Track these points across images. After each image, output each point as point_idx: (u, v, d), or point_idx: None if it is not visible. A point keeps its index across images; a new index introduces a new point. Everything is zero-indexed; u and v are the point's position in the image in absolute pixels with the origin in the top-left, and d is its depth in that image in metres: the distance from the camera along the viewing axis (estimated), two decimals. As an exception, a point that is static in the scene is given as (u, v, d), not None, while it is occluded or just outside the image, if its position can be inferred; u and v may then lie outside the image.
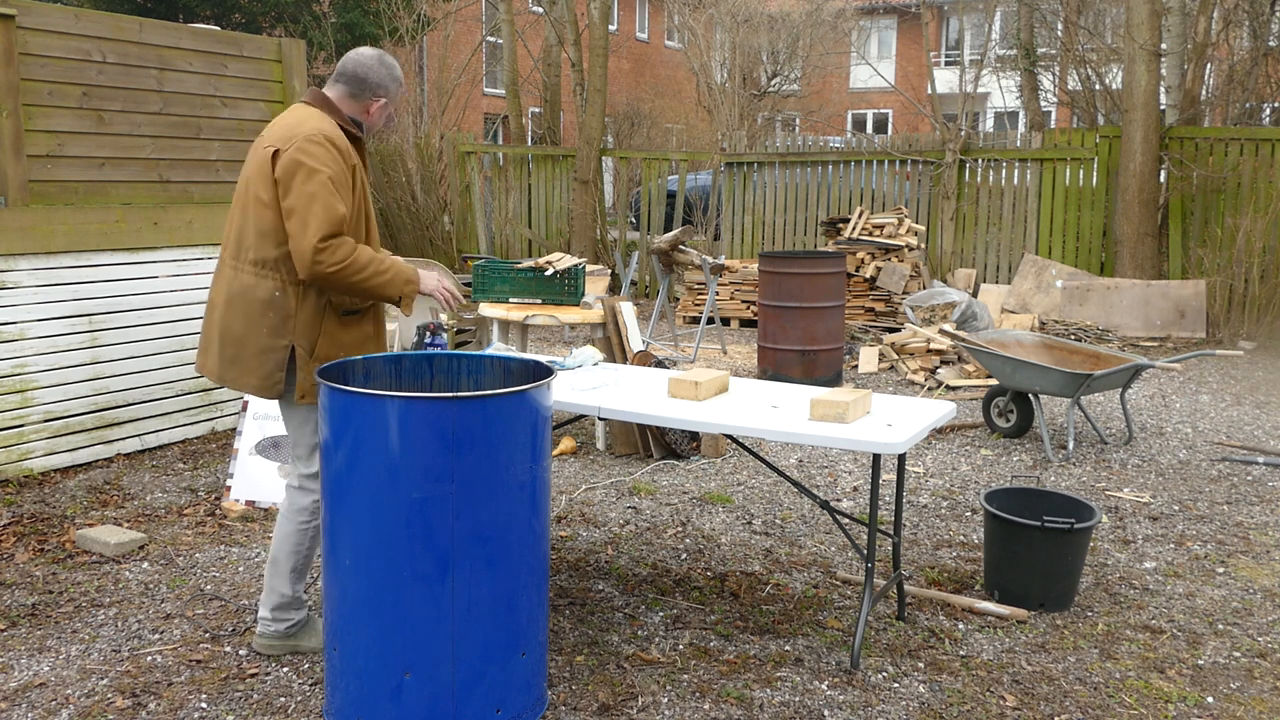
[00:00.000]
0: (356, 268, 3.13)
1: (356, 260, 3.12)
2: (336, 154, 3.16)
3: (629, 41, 28.38)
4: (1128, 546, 4.58)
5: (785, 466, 5.76)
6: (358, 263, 3.13)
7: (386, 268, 3.20)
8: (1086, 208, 11.07)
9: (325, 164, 3.13)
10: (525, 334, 6.42)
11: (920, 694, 3.26)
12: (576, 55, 14.83)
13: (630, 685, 3.26)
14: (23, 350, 5.28)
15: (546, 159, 13.49)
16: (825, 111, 26.18)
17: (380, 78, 3.34)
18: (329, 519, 2.89)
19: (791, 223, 12.35)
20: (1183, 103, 11.60)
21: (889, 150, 11.94)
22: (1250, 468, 5.78)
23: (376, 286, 3.19)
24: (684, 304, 11.04)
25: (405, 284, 3.25)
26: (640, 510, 4.98)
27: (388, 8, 15.46)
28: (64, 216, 5.42)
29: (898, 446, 3.20)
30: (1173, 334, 9.84)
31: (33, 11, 5.34)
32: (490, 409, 2.77)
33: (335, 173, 3.13)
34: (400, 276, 3.23)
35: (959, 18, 27.59)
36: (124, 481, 5.30)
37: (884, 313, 9.85)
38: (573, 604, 3.87)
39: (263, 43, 6.66)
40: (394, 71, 3.40)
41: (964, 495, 5.28)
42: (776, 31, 21.74)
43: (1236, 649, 3.62)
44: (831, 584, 4.12)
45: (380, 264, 3.19)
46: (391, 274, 3.21)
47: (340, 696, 2.92)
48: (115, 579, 4.08)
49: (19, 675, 3.31)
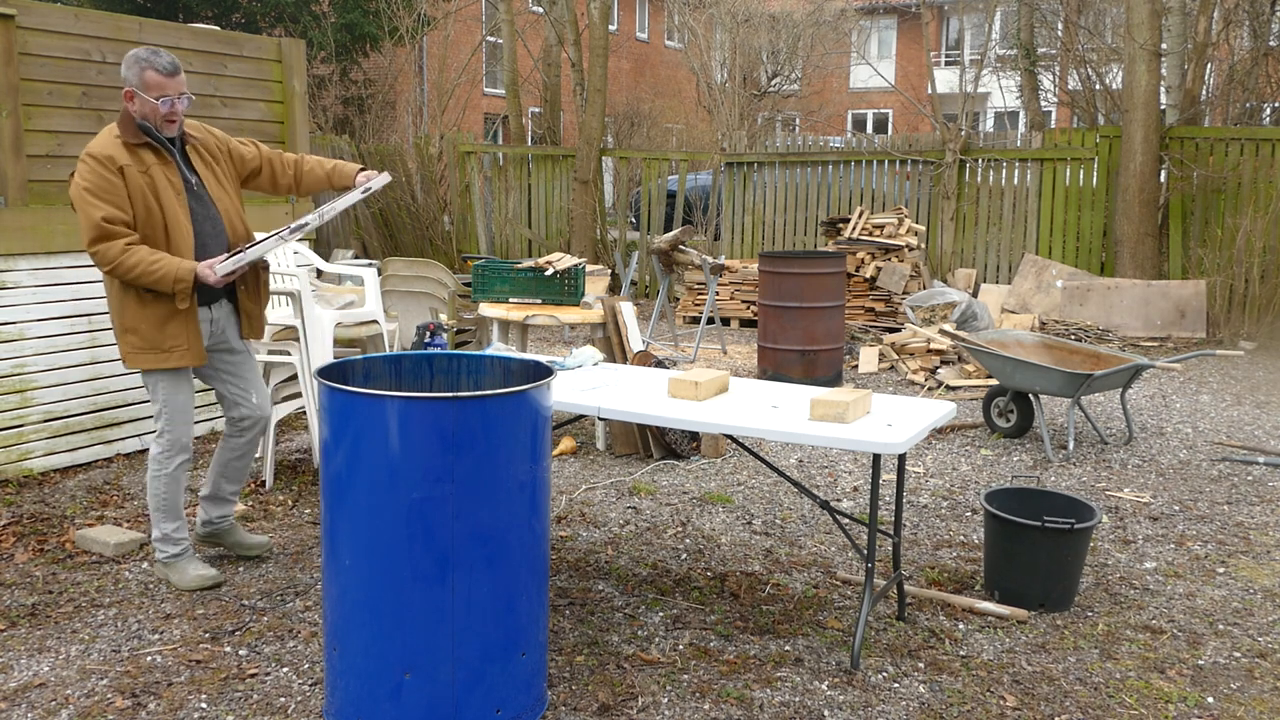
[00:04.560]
0: (125, 269, 3.62)
1: (124, 263, 3.60)
2: (94, 165, 3.62)
3: (629, 41, 28.38)
4: (1128, 546, 4.58)
5: (785, 466, 5.76)
6: (124, 265, 3.61)
7: (155, 269, 3.62)
8: (1087, 208, 11.07)
9: (83, 177, 3.63)
10: (525, 334, 6.42)
11: (920, 694, 3.26)
12: (576, 55, 14.83)
13: (630, 685, 3.26)
14: (22, 350, 5.28)
15: (546, 159, 13.48)
16: (825, 111, 26.19)
17: (124, 72, 3.71)
18: (329, 519, 2.89)
19: (791, 223, 12.35)
20: (1183, 103, 11.60)
21: (889, 150, 11.94)
22: (1250, 468, 5.78)
23: (149, 284, 3.65)
24: (684, 304, 11.04)
25: (175, 282, 3.65)
26: (640, 510, 4.98)
27: (388, 8, 15.46)
28: (64, 216, 5.42)
29: (898, 446, 3.20)
30: (1173, 334, 9.84)
31: (33, 11, 5.34)
32: (490, 409, 2.77)
33: (91, 184, 3.61)
34: (169, 277, 3.63)
35: (959, 18, 27.59)
36: (124, 481, 5.30)
37: (884, 313, 9.85)
38: (573, 604, 3.87)
39: (263, 43, 6.66)
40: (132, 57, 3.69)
41: (964, 495, 5.28)
42: (777, 31, 21.74)
43: (1237, 649, 3.62)
44: (831, 584, 4.12)
45: (150, 265, 3.62)
46: (160, 274, 3.63)
47: (340, 696, 2.92)
48: (115, 579, 4.08)
49: (19, 675, 3.31)
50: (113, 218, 3.61)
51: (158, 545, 4.03)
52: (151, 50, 3.72)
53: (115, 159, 3.64)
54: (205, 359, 3.89)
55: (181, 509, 4.02)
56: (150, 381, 3.87)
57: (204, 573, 4.00)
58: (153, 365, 3.78)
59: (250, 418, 4.12)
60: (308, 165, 4.19)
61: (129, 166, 3.65)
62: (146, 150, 3.72)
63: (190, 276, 3.66)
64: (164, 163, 3.76)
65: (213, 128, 4.05)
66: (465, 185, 13.61)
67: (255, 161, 4.12)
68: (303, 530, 4.63)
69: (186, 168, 3.85)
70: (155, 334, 3.75)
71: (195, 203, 3.82)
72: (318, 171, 4.18)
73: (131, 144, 3.69)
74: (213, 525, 4.24)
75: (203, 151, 3.93)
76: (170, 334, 3.75)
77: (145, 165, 3.70)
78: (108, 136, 3.70)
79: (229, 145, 4.04)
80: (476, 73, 17.75)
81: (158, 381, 3.85)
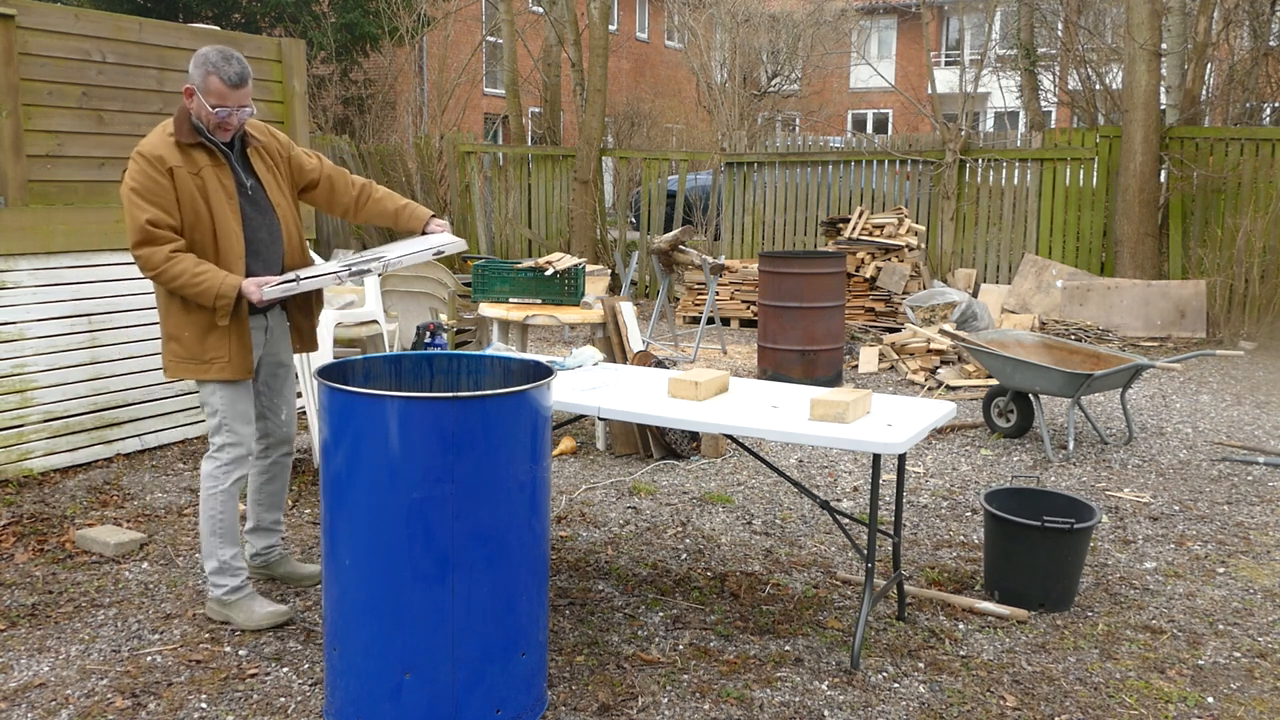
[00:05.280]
0: (168, 277, 3.43)
1: (167, 271, 3.42)
2: (144, 165, 3.44)
3: (629, 41, 28.37)
4: (1128, 546, 4.58)
5: (785, 466, 5.76)
6: (168, 273, 3.42)
7: (200, 281, 3.43)
8: (1086, 208, 11.07)
9: (131, 177, 3.45)
10: (525, 334, 6.42)
11: (920, 694, 3.26)
12: (576, 55, 14.83)
13: (630, 685, 3.26)
14: (22, 350, 5.28)
15: (546, 159, 13.48)
16: (825, 111, 26.18)
17: (190, 68, 3.51)
18: (329, 519, 2.89)
19: (791, 223, 12.35)
20: (1183, 103, 11.60)
21: (889, 150, 11.94)
22: (1250, 468, 5.78)
23: (191, 297, 3.46)
24: (684, 304, 11.04)
25: (216, 298, 3.45)
26: (640, 510, 4.98)
27: (388, 8, 15.46)
28: (64, 216, 5.42)
29: (898, 446, 3.20)
30: (1173, 334, 9.84)
31: (33, 11, 5.34)
32: (490, 409, 2.77)
33: (139, 184, 3.43)
34: (210, 291, 3.43)
35: (959, 18, 27.59)
36: (124, 481, 5.30)
37: (884, 313, 9.85)
38: (573, 604, 3.87)
39: (263, 43, 6.66)
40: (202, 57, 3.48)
41: (964, 495, 5.28)
42: (777, 31, 21.75)
43: (1237, 649, 3.62)
44: (831, 584, 4.12)
45: (194, 277, 3.43)
46: (203, 287, 3.43)
47: (340, 697, 2.92)
48: (115, 579, 4.08)
49: (19, 675, 3.31)
50: (158, 221, 3.42)
51: (214, 580, 3.64)
52: (223, 55, 3.46)
53: (165, 159, 3.44)
54: (249, 373, 3.61)
55: (238, 533, 3.68)
56: (205, 391, 3.61)
57: (274, 609, 3.66)
58: (193, 376, 3.56)
59: (273, 435, 3.87)
60: (376, 194, 3.92)
61: (179, 168, 3.45)
62: (200, 151, 3.51)
63: (233, 293, 3.45)
64: (217, 164, 3.54)
65: (276, 131, 3.82)
66: (465, 185, 13.61)
67: (315, 174, 3.85)
68: (303, 530, 4.63)
69: (245, 170, 3.63)
70: (196, 344, 3.52)
71: (250, 207, 3.60)
72: (386, 205, 3.91)
73: (185, 144, 3.48)
74: (262, 558, 3.98)
75: (264, 154, 3.70)
76: (211, 345, 3.52)
77: (197, 167, 3.49)
78: (161, 135, 3.50)
79: (290, 152, 3.80)
80: (476, 73, 17.75)
81: (214, 391, 3.58)
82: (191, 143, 3.49)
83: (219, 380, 3.56)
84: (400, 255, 3.64)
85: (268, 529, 3.98)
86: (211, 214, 3.50)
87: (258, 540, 3.98)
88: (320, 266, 3.71)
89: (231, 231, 3.52)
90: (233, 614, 3.63)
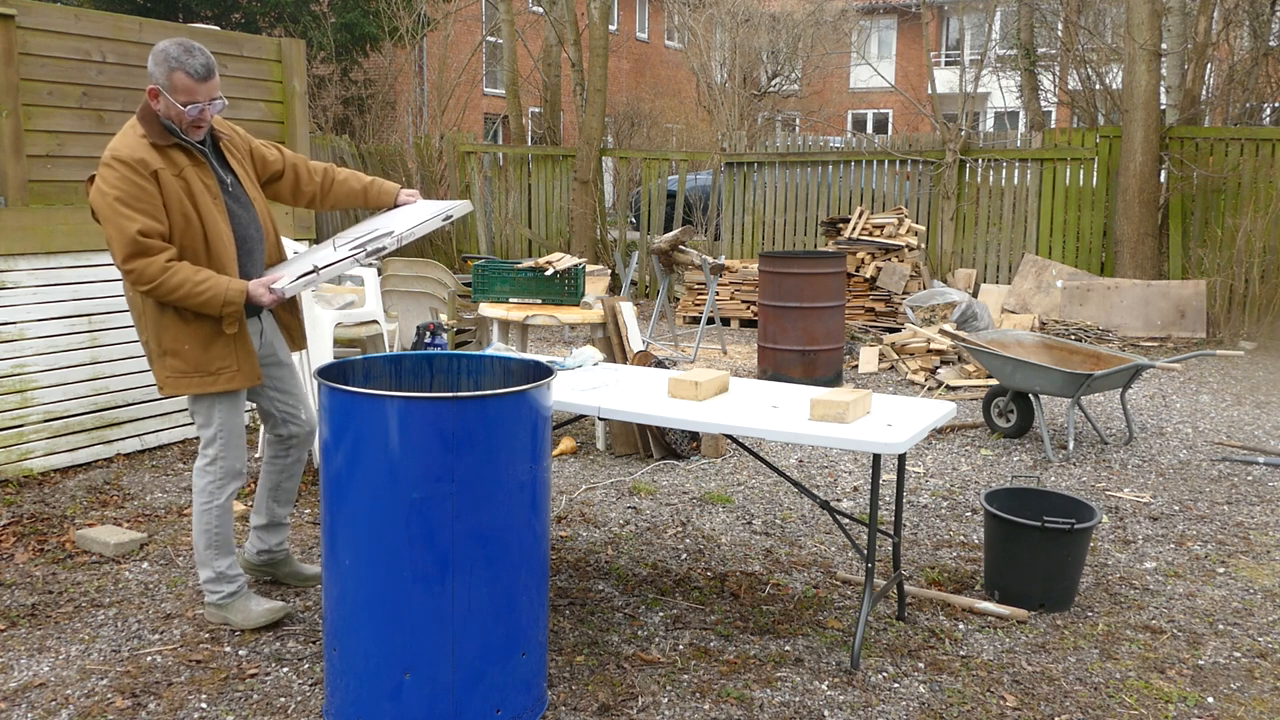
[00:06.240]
0: (166, 289, 3.23)
1: (166, 283, 3.22)
2: (124, 170, 3.21)
3: (629, 41, 28.37)
4: (1128, 546, 4.58)
5: (785, 466, 5.76)
6: (166, 285, 3.22)
7: (203, 290, 3.25)
8: (1086, 208, 11.07)
9: (111, 185, 3.21)
10: (525, 334, 6.42)
11: (920, 694, 3.26)
12: (576, 55, 14.83)
13: (630, 685, 3.26)
14: (22, 350, 5.28)
15: (546, 159, 13.49)
16: (825, 111, 26.17)
17: (150, 67, 3.30)
18: (329, 519, 2.89)
19: (791, 223, 12.35)
20: (1183, 103, 11.60)
21: (889, 150, 11.94)
22: (1250, 468, 5.78)
23: (195, 307, 3.28)
24: (684, 304, 11.04)
25: (223, 305, 3.29)
26: (640, 510, 4.98)
27: (388, 8, 15.46)
28: (64, 216, 5.42)
29: (898, 446, 3.20)
30: (1173, 334, 9.84)
31: (33, 11, 5.34)
32: (490, 409, 2.77)
33: (123, 192, 3.19)
34: (217, 299, 3.26)
35: (959, 18, 27.58)
36: (124, 481, 5.30)
37: (884, 313, 9.85)
38: (573, 604, 3.87)
39: (262, 43, 6.66)
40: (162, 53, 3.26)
41: (964, 495, 5.28)
42: (777, 31, 21.74)
43: (1237, 649, 3.62)
44: (831, 584, 4.12)
45: (196, 286, 3.24)
46: (207, 296, 3.26)
47: (340, 697, 2.92)
48: (115, 579, 4.08)
49: (19, 675, 3.31)
50: (149, 230, 3.21)
51: (209, 587, 3.61)
52: (184, 48, 3.26)
53: (148, 162, 3.23)
54: (258, 379, 3.50)
55: (234, 542, 3.64)
56: (202, 406, 3.46)
57: (270, 605, 3.63)
58: (199, 390, 3.39)
59: (299, 435, 3.78)
60: (340, 176, 3.80)
61: (163, 170, 3.26)
62: (177, 151, 3.34)
63: (241, 299, 3.28)
64: (197, 164, 3.38)
65: (234, 125, 3.70)
66: (465, 185, 13.61)
67: (278, 165, 3.73)
68: (303, 530, 4.63)
69: (222, 167, 3.49)
70: (200, 356, 3.35)
71: (234, 205, 3.47)
72: (352, 184, 3.80)
73: (160, 145, 3.30)
74: (270, 554, 3.90)
75: (233, 149, 3.56)
76: (216, 355, 3.37)
77: (178, 168, 3.31)
78: (133, 136, 3.28)
79: (251, 145, 3.68)
80: (476, 73, 17.75)
81: (213, 405, 3.45)
82: (166, 144, 3.32)
83: (224, 392, 3.44)
84: (411, 226, 3.46)
85: (280, 524, 3.91)
86: (200, 216, 3.34)
87: (270, 537, 3.90)
88: (330, 253, 3.54)
89: (222, 233, 3.37)
90: (230, 615, 3.61)
